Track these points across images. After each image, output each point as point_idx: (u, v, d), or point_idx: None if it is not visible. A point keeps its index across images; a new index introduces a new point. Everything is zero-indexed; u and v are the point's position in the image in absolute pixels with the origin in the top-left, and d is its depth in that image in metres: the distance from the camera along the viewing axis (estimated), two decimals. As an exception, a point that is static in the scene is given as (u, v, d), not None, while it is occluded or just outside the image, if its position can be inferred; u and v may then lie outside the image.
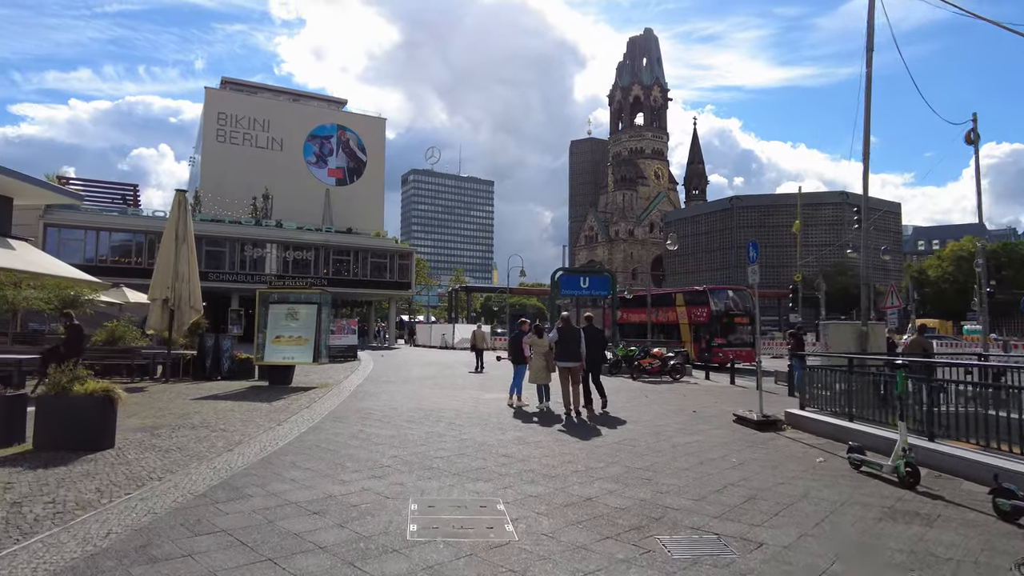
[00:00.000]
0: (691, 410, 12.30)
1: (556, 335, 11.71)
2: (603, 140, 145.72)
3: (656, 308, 31.83)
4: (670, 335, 30.14)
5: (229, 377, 17.08)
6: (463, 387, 16.00)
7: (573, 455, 7.63)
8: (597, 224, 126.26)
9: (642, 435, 9.21)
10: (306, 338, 15.50)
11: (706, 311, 28.15)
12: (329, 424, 9.51)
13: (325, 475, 6.27)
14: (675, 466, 7.19)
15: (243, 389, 14.37)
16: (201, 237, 43.73)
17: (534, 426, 9.87)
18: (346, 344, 27.63)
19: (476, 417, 10.58)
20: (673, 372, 20.11)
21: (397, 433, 8.80)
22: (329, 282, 46.80)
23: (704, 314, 28.23)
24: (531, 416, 10.96)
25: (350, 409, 11.25)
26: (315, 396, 13.19)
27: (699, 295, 29.66)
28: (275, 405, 11.54)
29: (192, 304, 15.75)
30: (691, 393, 16.00)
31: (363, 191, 61.20)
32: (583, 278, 27.87)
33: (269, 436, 8.34)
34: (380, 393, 14.15)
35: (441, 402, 12.62)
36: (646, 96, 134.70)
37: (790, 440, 9.08)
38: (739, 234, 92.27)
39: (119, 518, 4.69)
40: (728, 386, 18.46)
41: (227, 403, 11.67)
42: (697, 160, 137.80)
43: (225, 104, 56.92)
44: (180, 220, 15.89)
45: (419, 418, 10.28)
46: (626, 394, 15.29)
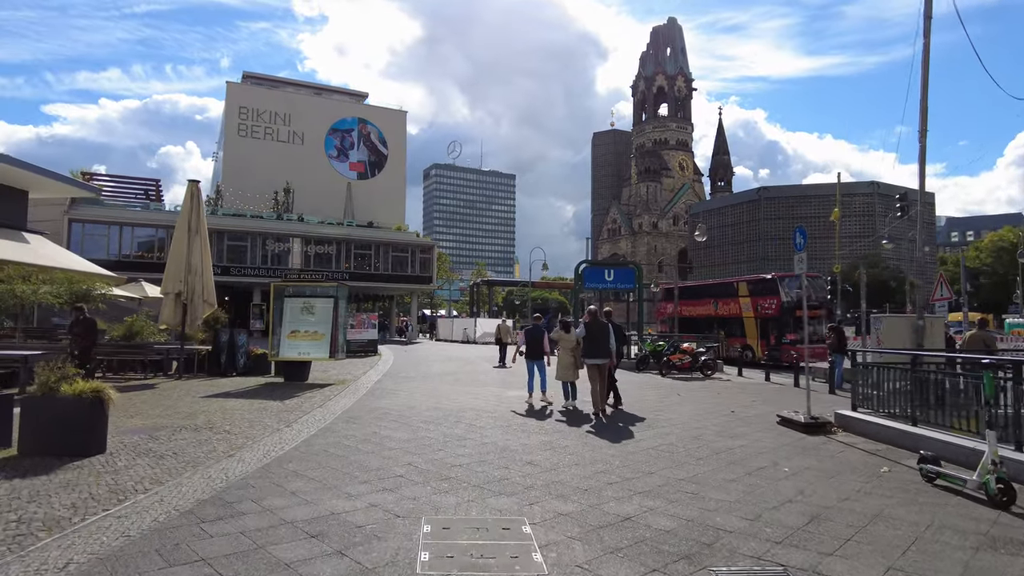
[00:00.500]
0: (729, 410, 11.47)
1: (583, 330, 11.08)
2: (626, 132, 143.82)
3: (715, 299, 29.39)
4: (732, 330, 27.47)
5: (245, 373, 16.62)
6: (485, 384, 15.32)
7: (606, 463, 6.89)
8: (620, 217, 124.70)
9: (680, 439, 8.42)
10: (322, 333, 14.95)
11: (775, 302, 25.07)
12: (341, 425, 8.87)
13: (330, 487, 5.61)
14: (721, 477, 6.41)
15: (257, 386, 13.85)
16: (223, 231, 43.92)
17: (561, 428, 9.13)
18: (366, 339, 27.13)
19: (498, 418, 9.88)
20: (704, 368, 19.23)
21: (413, 436, 8.13)
22: (350, 276, 46.52)
23: (773, 306, 25.16)
24: (556, 416, 10.23)
25: (365, 408, 10.63)
26: (330, 394, 12.61)
27: (767, 284, 26.37)
28: (287, 404, 10.97)
29: (206, 298, 15.28)
30: (725, 391, 15.14)
31: (384, 185, 60.75)
32: (608, 271, 26.96)
33: (275, 439, 7.72)
34: (398, 391, 13.52)
35: (462, 400, 11.94)
36: (670, 86, 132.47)
37: (844, 445, 8.23)
38: (766, 226, 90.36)
39: (86, 543, 4.06)
40: (763, 383, 17.54)
41: (237, 401, 11.12)
42: (722, 151, 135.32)
43: (247, 98, 56.81)
44: (193, 212, 15.40)
45: (437, 419, 9.61)
46: (656, 392, 14.48)
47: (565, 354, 11.41)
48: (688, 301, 31.25)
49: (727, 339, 26.69)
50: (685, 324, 30.27)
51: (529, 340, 12.22)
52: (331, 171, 58.61)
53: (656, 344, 21.05)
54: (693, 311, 30.61)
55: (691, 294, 32.19)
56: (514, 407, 11.15)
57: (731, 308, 27.98)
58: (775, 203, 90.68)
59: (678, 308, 30.52)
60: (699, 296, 31.43)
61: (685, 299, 31.44)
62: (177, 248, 15.20)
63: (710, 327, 28.31)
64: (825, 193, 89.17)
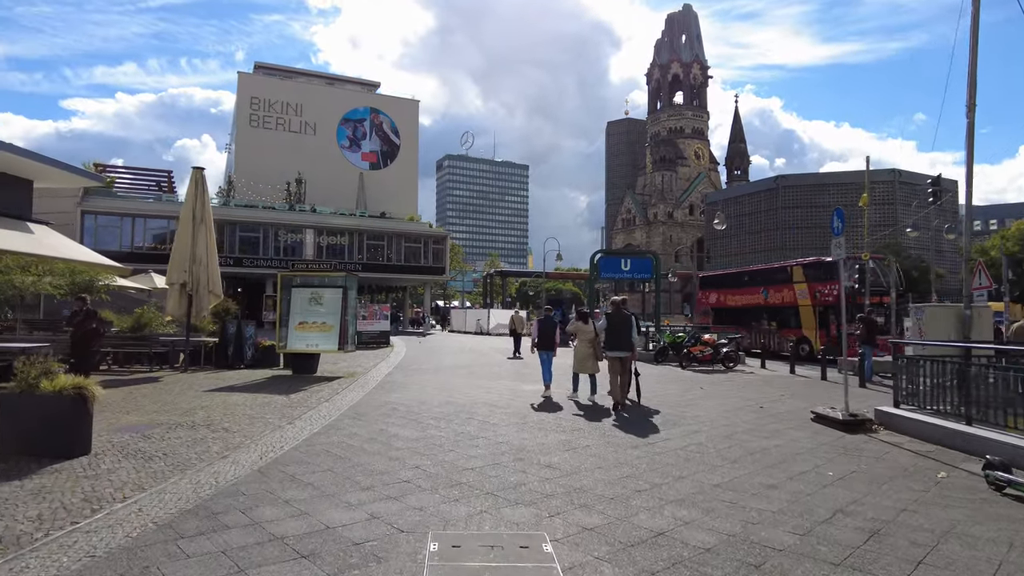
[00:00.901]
0: (758, 405, 10.82)
1: (605, 322, 10.62)
2: (640, 120, 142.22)
3: (764, 287, 26.46)
4: (785, 321, 24.74)
5: (253, 365, 16.21)
6: (499, 377, 14.76)
7: (631, 465, 6.30)
8: (635, 206, 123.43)
9: (710, 438, 7.81)
10: (331, 324, 14.46)
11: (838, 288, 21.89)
12: (347, 422, 8.35)
13: (328, 495, 5.07)
14: (759, 482, 5.80)
15: (263, 379, 13.40)
16: (235, 223, 43.69)
17: (580, 425, 8.55)
18: (378, 330, 26.70)
19: (513, 414, 9.31)
20: (726, 360, 18.55)
21: (422, 435, 7.58)
22: (363, 267, 46.16)
23: (835, 292, 21.87)
24: (574, 411, 9.65)
25: (373, 403, 10.11)
26: (338, 387, 12.12)
27: (827, 268, 22.82)
28: (292, 398, 10.48)
29: (211, 289, 14.83)
30: (750, 384, 14.47)
31: (397, 175, 60.25)
32: (624, 260, 26.24)
33: (275, 438, 7.22)
34: (409, 384, 13.01)
35: (475, 395, 11.39)
36: (685, 74, 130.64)
37: (888, 446, 7.57)
38: (784, 214, 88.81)
39: (41, 566, 3.54)
40: (788, 376, 16.86)
41: (241, 396, 10.65)
42: (739, 139, 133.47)
43: (258, 89, 56.45)
44: (197, 200, 14.93)
45: (449, 415, 9.06)
46: (678, 385, 13.85)
47: (583, 346, 10.96)
48: (731, 289, 28.80)
49: (779, 330, 24.89)
50: (728, 315, 28.11)
51: (540, 331, 11.83)
52: (343, 161, 58.20)
53: (676, 335, 20.38)
54: (737, 300, 27.98)
55: (734, 282, 29.38)
56: (530, 401, 10.58)
57: (784, 296, 24.86)
58: (793, 191, 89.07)
59: (718, 298, 28.70)
60: (744, 284, 28.37)
61: (727, 287, 29.10)
62: (182, 238, 14.75)
63: (757, 317, 26.03)
64: (845, 181, 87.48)
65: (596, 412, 9.70)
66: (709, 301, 30.24)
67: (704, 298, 31.25)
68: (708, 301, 30.43)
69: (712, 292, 30.25)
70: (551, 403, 10.54)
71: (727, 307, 28.20)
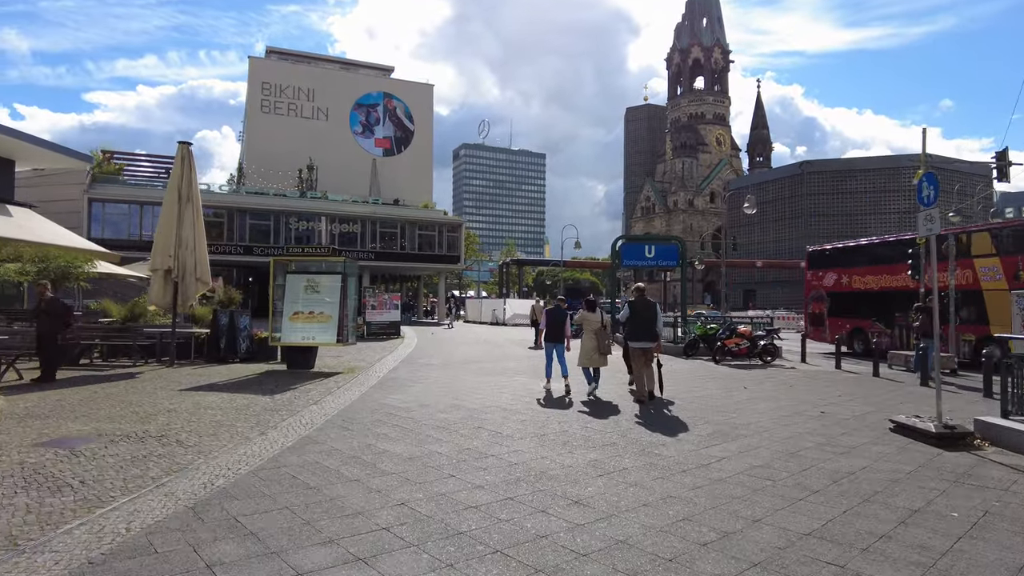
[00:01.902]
0: (817, 410, 9.24)
1: (627, 311, 9.84)
2: (660, 106, 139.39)
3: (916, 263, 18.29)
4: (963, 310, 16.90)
5: (249, 359, 14.92)
6: (515, 372, 13.29)
7: (686, 501, 4.79)
8: (654, 194, 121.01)
9: (774, 456, 6.28)
10: (328, 314, 13.07)
11: None
12: (331, 434, 6.93)
13: (271, 553, 3.63)
14: (865, 529, 4.27)
15: (253, 375, 12.07)
16: (245, 210, 42.60)
17: (611, 435, 7.04)
18: (388, 320, 25.38)
19: (530, 421, 7.83)
20: (764, 354, 16.93)
21: (418, 452, 6.13)
22: (376, 255, 44.93)
23: None
24: (598, 415, 8.15)
25: (368, 407, 8.69)
26: (333, 385, 10.74)
27: None
28: (277, 400, 9.11)
29: (199, 275, 13.51)
30: (797, 382, 12.85)
31: (411, 161, 58.82)
32: (648, 247, 24.56)
33: (235, 456, 5.81)
34: (413, 382, 11.59)
35: (486, 396, 9.94)
36: (706, 58, 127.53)
37: (1010, 470, 5.97)
38: (809, 201, 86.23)
39: None
40: (834, 372, 15.21)
41: (218, 396, 9.29)
42: (761, 125, 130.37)
43: (269, 74, 55.22)
44: (184, 178, 13.59)
45: (454, 423, 7.60)
46: (717, 384, 12.27)
47: (589, 337, 10.21)
48: (860, 269, 21.54)
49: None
50: (854, 302, 21.43)
51: (550, 322, 10.88)
52: (356, 148, 56.90)
53: (707, 327, 18.75)
54: (870, 282, 20.91)
55: (866, 257, 21.83)
56: (550, 406, 9.11)
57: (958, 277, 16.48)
58: (818, 177, 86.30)
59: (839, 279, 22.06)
60: (878, 260, 21.02)
61: (853, 265, 22.01)
62: (166, 219, 13.43)
63: (901, 305, 18.41)
64: (873, 167, 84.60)
65: (625, 417, 8.20)
66: (824, 284, 23.42)
67: (816, 279, 23.97)
68: (823, 283, 23.53)
69: (829, 272, 23.18)
70: (573, 409, 9.06)
71: (853, 291, 21.46)
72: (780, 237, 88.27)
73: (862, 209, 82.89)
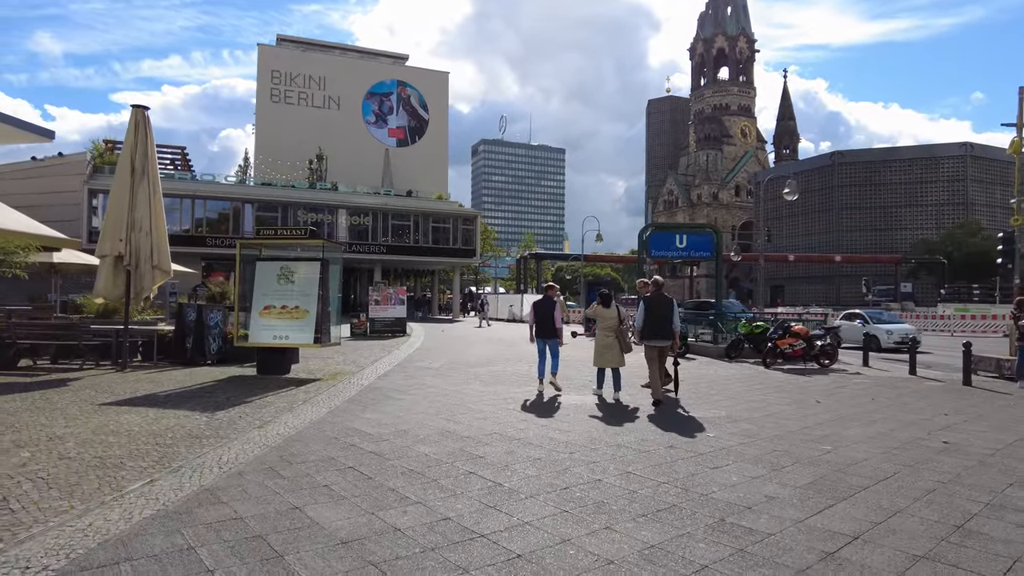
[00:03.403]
0: (934, 438, 6.80)
1: (642, 307, 9.09)
2: (683, 98, 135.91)
3: None
4: None
5: (222, 361, 12.81)
6: (529, 379, 10.99)
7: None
8: (677, 187, 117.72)
9: (932, 535, 3.91)
10: (305, 309, 10.88)
11: None
12: (247, 486, 4.70)
13: None
14: None
15: (212, 383, 9.94)
16: (252, 201, 40.81)
17: (666, 491, 4.71)
18: (393, 316, 23.23)
19: (547, 460, 5.53)
20: (821, 357, 14.44)
21: (363, 528, 3.85)
22: (388, 249, 43.00)
23: None
24: (641, 446, 5.83)
25: (326, 434, 6.45)
26: (301, 397, 8.57)
27: None
28: (215, 421, 6.93)
29: (157, 263, 11.41)
30: (876, 392, 10.39)
31: (426, 152, 56.69)
32: (679, 236, 22.11)
33: (69, 532, 3.60)
34: (403, 392, 9.35)
35: (490, 414, 7.66)
36: (731, 48, 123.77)
37: None
38: (840, 194, 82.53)
39: None
40: (910, 377, 12.73)
41: (141, 416, 7.13)
42: (788, 116, 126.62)
43: (279, 62, 53.40)
44: (138, 148, 11.48)
45: (437, 463, 5.34)
46: (781, 396, 9.85)
47: (603, 335, 9.37)
48: None
49: None
50: None
51: (538, 316, 9.84)
52: (369, 138, 54.94)
53: (754, 325, 16.26)
54: None
55: None
56: (572, 429, 6.80)
57: None
58: (851, 168, 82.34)
59: None
60: None
61: None
62: (117, 197, 11.34)
63: None
64: (910, 156, 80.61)
65: (674, 445, 5.87)
66: None
67: None
68: None
69: None
70: (607, 434, 6.75)
71: None
72: (810, 231, 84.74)
73: (897, 201, 79.10)
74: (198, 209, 39.40)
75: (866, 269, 66.57)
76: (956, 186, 76.90)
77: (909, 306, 48.35)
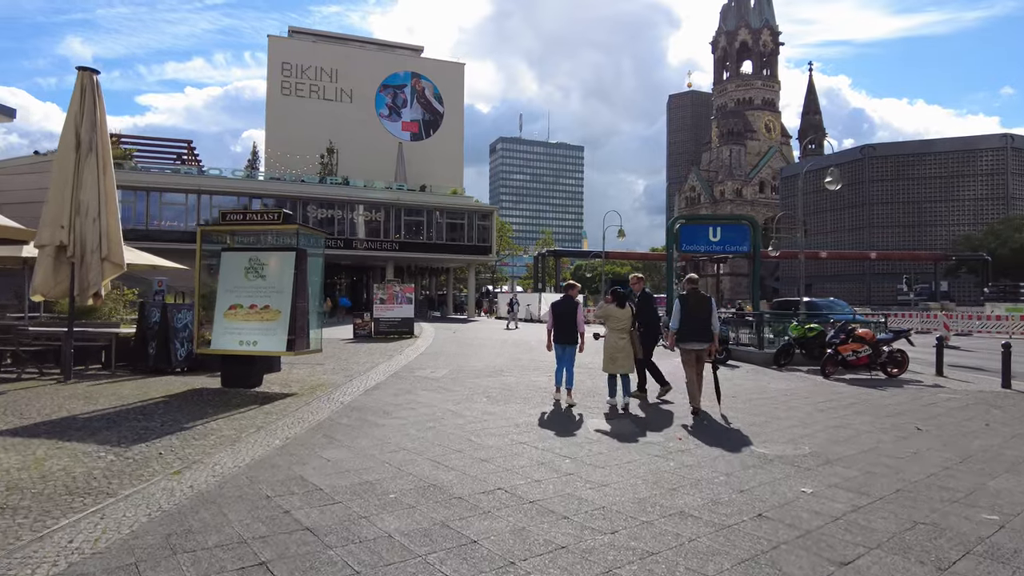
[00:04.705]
0: None
1: (679, 306, 8.29)
2: (705, 93, 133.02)
3: None
4: None
5: (193, 369, 11.06)
6: (545, 395, 9.03)
7: None
8: (700, 184, 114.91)
9: None
10: (276, 309, 9.02)
11: None
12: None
13: None
14: None
15: (159, 399, 8.13)
16: (259, 196, 39.32)
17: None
18: (399, 317, 21.38)
19: (577, 548, 3.57)
20: (888, 366, 12.30)
21: None
22: (400, 246, 41.32)
23: None
24: (707, 507, 3.87)
25: (259, 490, 4.55)
26: (252, 423, 6.71)
27: None
28: (121, 460, 5.10)
29: (106, 255, 9.60)
30: (983, 414, 8.26)
31: (440, 146, 54.89)
32: (713, 229, 20.02)
33: None
34: (387, 414, 7.45)
35: (492, 455, 5.70)
36: (754, 41, 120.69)
37: None
38: (872, 189, 79.44)
39: None
40: (1006, 392, 10.52)
41: (32, 449, 5.32)
42: (813, 110, 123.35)
43: (290, 53, 51.90)
44: (85, 118, 9.69)
45: (400, 555, 3.41)
46: (864, 419, 7.74)
47: (615, 337, 8.46)
48: None
49: None
50: None
51: (558, 317, 8.71)
52: (382, 131, 53.29)
53: (807, 327, 14.11)
54: None
55: None
56: (608, 478, 4.83)
57: None
58: (883, 162, 79.15)
59: None
60: None
61: None
62: (59, 176, 9.55)
63: None
64: (947, 149, 77.24)
65: (788, 524, 3.90)
66: None
67: None
68: None
69: None
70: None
71: None
72: (839, 227, 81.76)
73: (931, 196, 75.93)
74: (204, 205, 38.01)
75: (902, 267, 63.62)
76: (995, 180, 73.54)
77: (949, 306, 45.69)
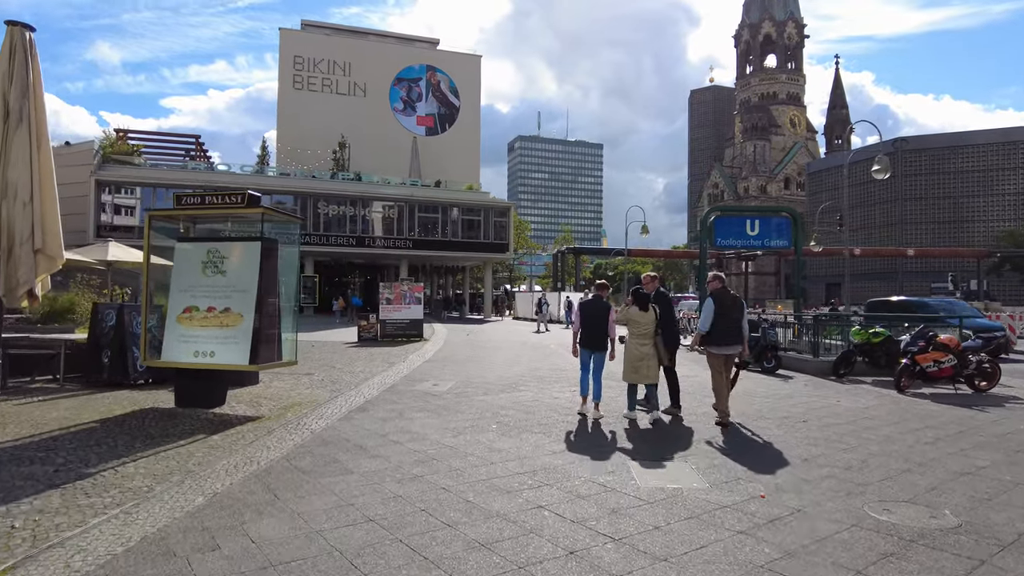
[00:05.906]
0: None
1: (712, 305, 7.40)
2: (727, 88, 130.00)
3: None
4: None
5: (156, 381, 9.43)
6: (570, 418, 7.24)
7: None
8: (723, 180, 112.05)
9: None
10: (238, 312, 7.31)
11: None
12: None
13: None
14: None
15: (83, 425, 6.50)
16: (268, 191, 37.93)
17: None
18: (408, 319, 19.70)
19: None
20: (975, 379, 10.32)
21: None
22: (414, 244, 39.71)
23: None
24: None
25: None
26: (183, 466, 5.01)
27: None
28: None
29: (40, 247, 7.96)
30: None
31: (456, 140, 53.22)
32: (750, 221, 18.20)
33: None
34: (363, 451, 5.71)
35: (501, 529, 3.91)
36: (779, 33, 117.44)
37: None
38: (905, 184, 76.27)
39: None
40: None
41: None
42: (840, 105, 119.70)
43: (302, 47, 50.56)
44: (13, 82, 8.06)
45: None
46: (983, 452, 5.81)
47: (639, 343, 7.55)
48: None
49: None
50: None
51: (587, 320, 7.76)
52: (397, 126, 51.77)
53: (872, 332, 12.09)
54: None
55: None
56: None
57: None
58: (917, 156, 75.89)
59: None
60: None
61: None
62: (-14, 151, 7.95)
63: None
64: (983, 141, 73.88)
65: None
66: None
67: None
68: None
69: None
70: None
71: None
72: (869, 223, 78.59)
73: (969, 191, 72.63)
74: (210, 201, 36.73)
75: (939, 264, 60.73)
76: (1034, 174, 70.02)
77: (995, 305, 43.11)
